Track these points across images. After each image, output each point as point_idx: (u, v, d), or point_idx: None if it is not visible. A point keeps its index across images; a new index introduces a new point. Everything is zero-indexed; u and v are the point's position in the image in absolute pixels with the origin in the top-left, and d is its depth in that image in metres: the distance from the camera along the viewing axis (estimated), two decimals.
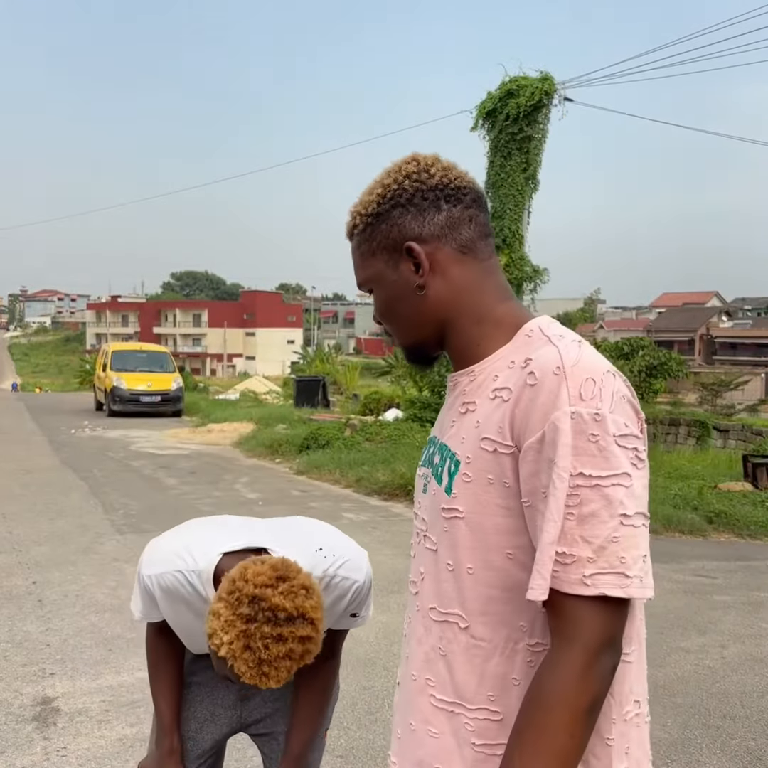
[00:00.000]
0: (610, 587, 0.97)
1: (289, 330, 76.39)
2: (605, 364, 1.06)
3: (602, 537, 0.98)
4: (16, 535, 7.13)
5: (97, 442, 14.92)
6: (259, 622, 1.34)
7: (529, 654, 1.08)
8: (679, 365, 18.64)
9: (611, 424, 1.00)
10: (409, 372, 18.31)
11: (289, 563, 1.44)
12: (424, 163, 1.20)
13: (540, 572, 1.00)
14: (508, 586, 1.08)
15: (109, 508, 8.49)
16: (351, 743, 3.43)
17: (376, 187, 1.21)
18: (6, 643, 4.50)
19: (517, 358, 1.10)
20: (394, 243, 1.19)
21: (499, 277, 1.22)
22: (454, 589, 1.13)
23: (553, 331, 1.12)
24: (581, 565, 0.98)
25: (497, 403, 1.09)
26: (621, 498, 0.99)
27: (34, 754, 3.27)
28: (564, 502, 0.99)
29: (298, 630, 1.35)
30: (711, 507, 8.36)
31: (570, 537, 0.99)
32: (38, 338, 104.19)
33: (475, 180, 1.23)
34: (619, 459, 1.00)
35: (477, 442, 1.10)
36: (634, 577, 0.98)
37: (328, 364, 27.89)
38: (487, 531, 1.09)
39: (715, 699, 4.03)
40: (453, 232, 1.18)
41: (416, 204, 1.17)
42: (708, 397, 27.56)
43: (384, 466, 10.50)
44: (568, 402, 1.00)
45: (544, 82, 13.96)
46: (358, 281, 1.27)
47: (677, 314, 68.39)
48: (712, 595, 5.90)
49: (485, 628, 1.10)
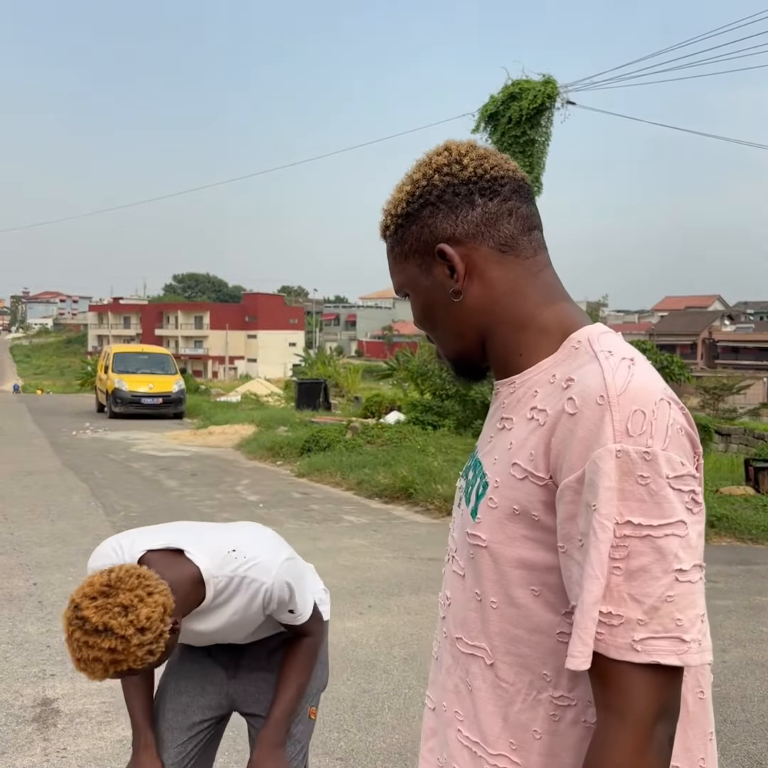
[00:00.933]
0: (664, 654, 0.86)
1: (291, 332, 76.38)
2: (659, 390, 0.92)
3: (655, 596, 0.87)
4: (17, 537, 7.13)
5: (98, 443, 14.93)
6: (73, 626, 1.51)
7: (553, 707, 0.99)
8: (681, 369, 18.66)
9: (664, 464, 0.88)
10: (410, 375, 18.32)
11: (126, 580, 1.55)
12: (456, 153, 1.08)
13: (581, 637, 0.89)
14: (532, 628, 0.99)
15: (110, 510, 8.50)
16: (351, 746, 3.43)
17: (406, 184, 1.11)
18: (6, 645, 4.50)
19: (560, 372, 0.99)
20: (426, 245, 1.08)
21: (548, 276, 1.09)
22: (481, 621, 1.05)
23: (602, 346, 0.98)
24: (630, 628, 0.87)
25: (533, 426, 0.99)
26: (676, 550, 0.87)
27: (34, 755, 3.27)
28: (608, 554, 0.87)
29: (102, 642, 1.48)
30: (712, 511, 8.34)
31: (617, 595, 0.88)
32: (40, 340, 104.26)
33: (516, 167, 1.10)
34: (673, 505, 0.88)
35: (507, 467, 1.00)
36: (692, 641, 0.87)
37: (329, 367, 27.87)
38: (510, 564, 1.00)
39: (716, 703, 4.01)
40: (490, 229, 1.05)
41: (447, 201, 1.06)
42: (710, 401, 27.58)
43: (385, 468, 10.49)
44: (612, 438, 0.88)
45: (546, 85, 13.97)
46: (394, 286, 1.18)
47: (679, 318, 68.39)
48: (714, 599, 5.88)
49: (509, 669, 1.02)
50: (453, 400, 15.21)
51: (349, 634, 4.79)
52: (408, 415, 15.48)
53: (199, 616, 1.82)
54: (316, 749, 3.35)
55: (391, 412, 16.65)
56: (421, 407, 15.44)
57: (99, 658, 1.50)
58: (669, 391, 0.95)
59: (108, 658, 1.50)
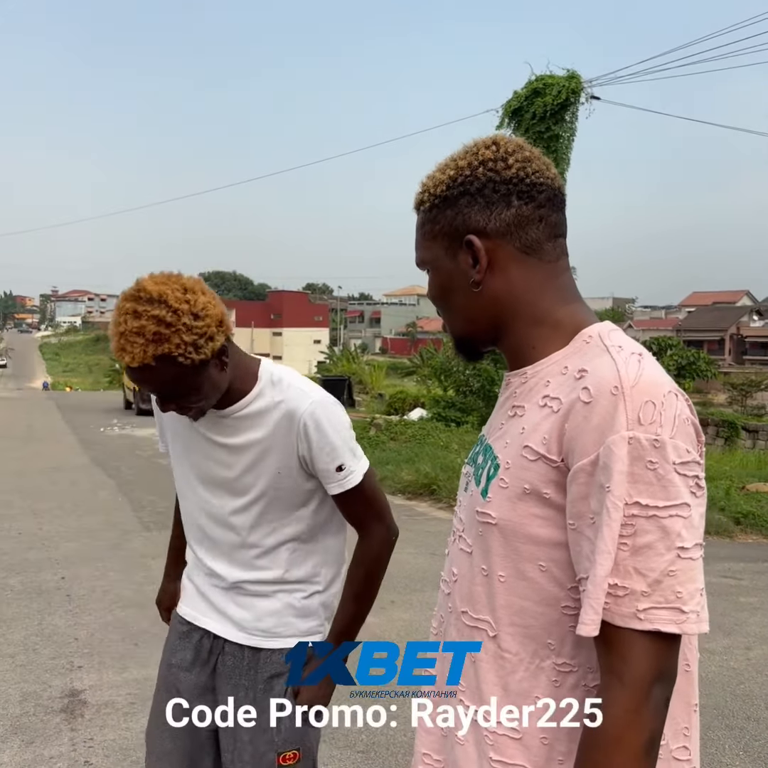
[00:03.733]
0: (664, 623, 0.93)
1: (316, 330, 76.56)
2: (667, 384, 0.99)
3: (658, 570, 0.94)
4: (45, 531, 7.26)
5: (125, 440, 15.10)
6: (128, 298, 1.47)
7: (555, 674, 1.05)
8: (708, 365, 18.47)
9: (671, 451, 0.95)
10: (434, 371, 18.31)
11: (194, 283, 1.53)
12: (503, 151, 1.12)
13: (593, 606, 0.95)
14: (538, 600, 1.05)
15: (137, 506, 8.60)
16: (372, 738, 3.46)
17: (449, 167, 1.14)
18: (36, 637, 4.59)
19: (572, 364, 1.05)
20: (456, 231, 1.12)
21: (565, 279, 1.15)
22: (486, 595, 1.10)
23: (612, 341, 1.05)
24: (635, 599, 0.94)
25: (546, 412, 1.04)
26: (679, 530, 0.94)
27: (62, 745, 3.34)
28: (618, 532, 0.94)
29: (153, 310, 1.44)
30: (738, 508, 8.28)
31: (623, 568, 0.94)
32: (68, 338, 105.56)
33: (556, 175, 1.14)
34: (678, 488, 0.94)
35: (519, 450, 1.06)
36: (690, 612, 0.94)
37: (353, 364, 27.95)
38: (519, 540, 1.05)
39: (740, 700, 4.00)
40: (519, 231, 1.10)
41: (486, 195, 1.10)
42: (738, 397, 27.24)
43: (408, 465, 10.51)
44: (625, 426, 0.95)
45: (570, 80, 13.90)
46: (416, 259, 1.22)
47: (707, 313, 67.57)
48: (738, 596, 5.84)
49: (512, 640, 1.08)
50: (476, 396, 15.19)
51: (371, 629, 4.81)
52: (431, 411, 15.49)
53: (229, 427, 1.69)
54: (338, 742, 3.39)
55: (415, 409, 16.67)
56: (444, 403, 15.44)
57: (143, 330, 1.43)
58: (674, 384, 1.01)
59: (152, 329, 1.43)
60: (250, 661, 1.76)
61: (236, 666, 1.77)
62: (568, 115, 14.05)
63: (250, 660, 1.76)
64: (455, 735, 1.14)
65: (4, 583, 5.64)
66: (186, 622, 1.86)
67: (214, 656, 1.81)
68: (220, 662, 1.80)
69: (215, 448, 1.73)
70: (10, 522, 7.64)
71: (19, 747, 3.31)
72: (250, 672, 1.75)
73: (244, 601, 1.78)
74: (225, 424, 1.70)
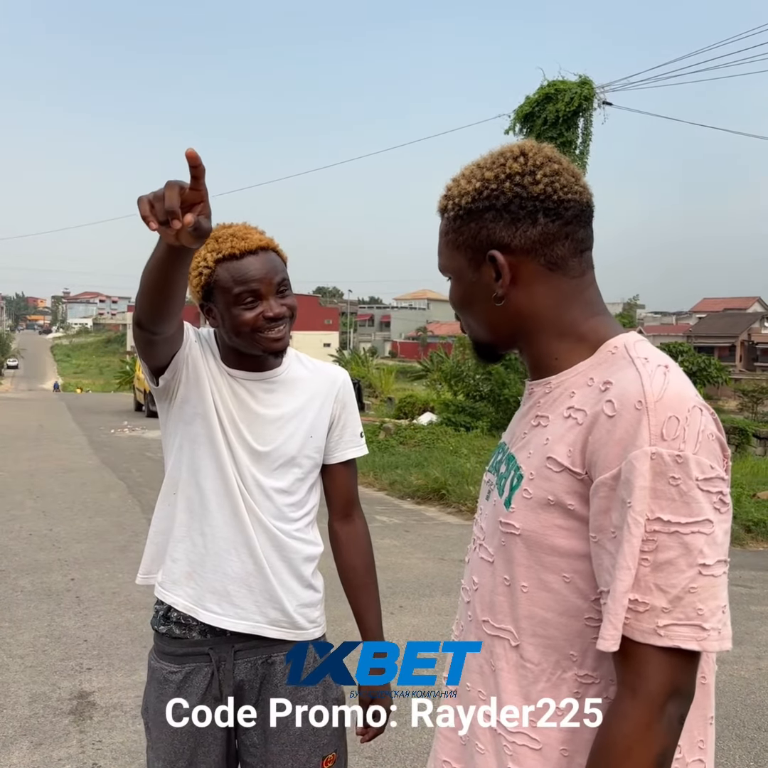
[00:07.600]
0: (685, 639, 0.93)
1: (326, 333, 76.56)
2: (692, 398, 0.98)
3: (679, 587, 0.93)
4: (55, 533, 7.29)
5: (135, 442, 15.15)
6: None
7: (577, 685, 1.05)
8: (719, 371, 18.39)
9: (694, 467, 0.94)
10: (444, 376, 18.30)
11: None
12: (531, 164, 1.10)
13: (612, 622, 0.95)
14: (561, 611, 1.05)
15: (147, 508, 8.61)
16: (380, 744, 3.44)
17: (477, 177, 1.12)
18: (45, 638, 4.61)
19: (597, 376, 1.04)
20: (480, 245, 1.12)
21: (590, 293, 1.13)
22: (508, 605, 1.10)
23: (638, 353, 1.04)
24: (655, 615, 0.93)
25: (570, 424, 1.04)
26: (701, 547, 0.93)
27: (71, 747, 3.35)
28: (639, 547, 0.94)
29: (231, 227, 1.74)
30: (749, 516, 8.22)
31: (644, 584, 0.94)
32: (80, 339, 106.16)
33: (585, 187, 1.12)
34: (701, 505, 0.94)
35: (543, 461, 1.06)
36: (711, 629, 0.93)
37: (363, 368, 28.00)
38: (543, 551, 1.05)
39: (750, 710, 3.97)
40: (544, 248, 1.09)
41: (512, 212, 1.09)
42: (749, 404, 27.10)
43: (418, 469, 10.51)
44: (648, 441, 0.94)
45: (583, 86, 13.87)
46: (439, 265, 1.21)
47: (718, 320, 67.28)
48: (749, 605, 5.80)
49: (534, 650, 1.07)
50: (486, 402, 15.16)
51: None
52: (441, 415, 15.47)
53: (272, 394, 1.77)
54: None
55: (425, 413, 16.66)
56: (454, 408, 15.42)
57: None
58: (700, 398, 1.00)
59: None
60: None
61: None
62: (581, 121, 14.02)
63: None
64: (475, 744, 1.14)
65: (14, 583, 5.67)
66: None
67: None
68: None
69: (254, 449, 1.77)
70: (21, 522, 7.68)
71: (27, 748, 3.32)
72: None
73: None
74: (271, 397, 1.78)
